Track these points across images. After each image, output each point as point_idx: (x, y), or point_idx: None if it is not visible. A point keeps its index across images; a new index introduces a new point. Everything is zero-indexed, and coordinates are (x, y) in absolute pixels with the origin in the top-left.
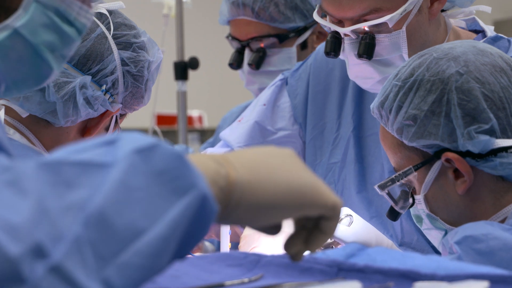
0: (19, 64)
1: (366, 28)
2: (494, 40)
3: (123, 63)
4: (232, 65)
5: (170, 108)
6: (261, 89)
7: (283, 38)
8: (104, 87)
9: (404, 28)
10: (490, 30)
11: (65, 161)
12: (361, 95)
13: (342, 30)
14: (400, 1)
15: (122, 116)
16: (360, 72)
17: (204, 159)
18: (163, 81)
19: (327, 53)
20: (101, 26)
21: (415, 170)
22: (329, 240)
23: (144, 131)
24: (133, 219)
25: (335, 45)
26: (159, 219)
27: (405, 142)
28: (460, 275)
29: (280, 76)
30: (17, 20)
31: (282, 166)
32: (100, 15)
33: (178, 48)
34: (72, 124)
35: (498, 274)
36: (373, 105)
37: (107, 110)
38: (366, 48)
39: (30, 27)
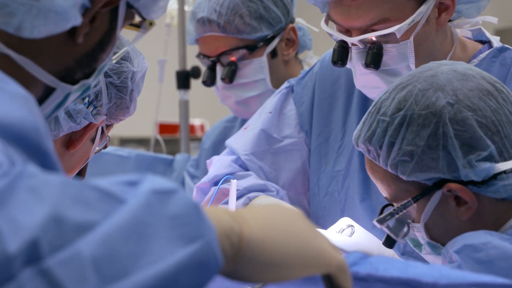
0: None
1: (374, 38)
2: (500, 51)
3: (106, 74)
4: (205, 82)
5: (172, 117)
6: (237, 103)
7: (252, 48)
8: (86, 99)
9: (411, 38)
10: (496, 41)
11: (89, 185)
12: (366, 104)
13: (349, 40)
14: (408, 12)
15: (109, 126)
16: (367, 82)
17: (219, 213)
18: (165, 90)
19: (334, 62)
20: None
21: (415, 202)
22: None
23: (146, 139)
24: (138, 251)
25: (342, 54)
26: (162, 259)
27: (402, 177)
28: (462, 283)
29: (285, 84)
30: (92, 78)
31: (292, 227)
32: None
33: (180, 57)
34: (54, 138)
35: (499, 283)
36: (357, 139)
37: (91, 123)
38: (374, 58)
39: (94, 82)
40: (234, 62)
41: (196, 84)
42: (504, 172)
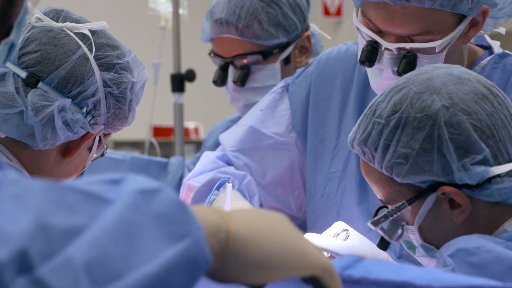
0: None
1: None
2: (501, 57)
3: (105, 84)
4: (216, 82)
5: (166, 120)
6: (246, 105)
7: (267, 54)
8: (84, 109)
9: (445, 52)
10: (496, 46)
11: (72, 187)
12: (363, 105)
13: (388, 45)
14: (448, 26)
15: (106, 135)
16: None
17: (206, 211)
18: (160, 93)
19: (362, 62)
20: (83, 47)
21: (409, 204)
22: (325, 254)
23: (140, 142)
24: (128, 253)
25: (371, 55)
26: (153, 259)
27: (397, 179)
28: (455, 286)
29: (281, 83)
30: (13, 34)
31: (277, 229)
32: (82, 36)
33: (175, 60)
34: (51, 147)
35: (492, 286)
36: (352, 141)
37: (88, 132)
38: (408, 66)
39: (16, 37)
40: (247, 66)
41: (190, 87)
42: (499, 175)
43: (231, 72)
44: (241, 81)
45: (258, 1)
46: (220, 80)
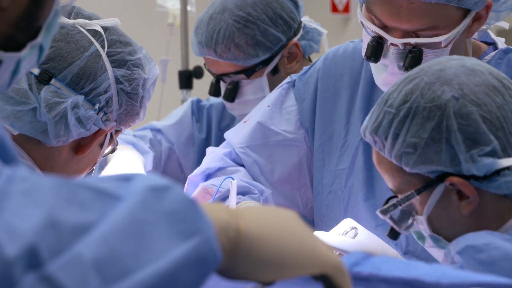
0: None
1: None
2: (505, 53)
3: (117, 81)
4: (211, 94)
5: None
6: (242, 115)
7: (250, 73)
8: (97, 106)
9: (450, 46)
10: (501, 42)
11: (82, 184)
12: (370, 102)
13: (394, 41)
14: (454, 20)
15: (118, 131)
16: (393, 81)
17: (216, 209)
18: (168, 90)
19: (368, 58)
20: (96, 43)
21: (418, 194)
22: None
23: None
24: (138, 250)
25: (377, 50)
26: (162, 256)
27: (406, 169)
28: (464, 283)
29: (287, 79)
30: (41, 36)
31: (287, 227)
32: (95, 33)
33: (182, 57)
34: (64, 143)
35: (502, 283)
36: (365, 130)
37: (100, 129)
38: (414, 61)
39: (46, 40)
40: (234, 82)
41: (198, 84)
42: (508, 168)
43: (222, 86)
44: (229, 99)
45: (235, 23)
46: (214, 93)
